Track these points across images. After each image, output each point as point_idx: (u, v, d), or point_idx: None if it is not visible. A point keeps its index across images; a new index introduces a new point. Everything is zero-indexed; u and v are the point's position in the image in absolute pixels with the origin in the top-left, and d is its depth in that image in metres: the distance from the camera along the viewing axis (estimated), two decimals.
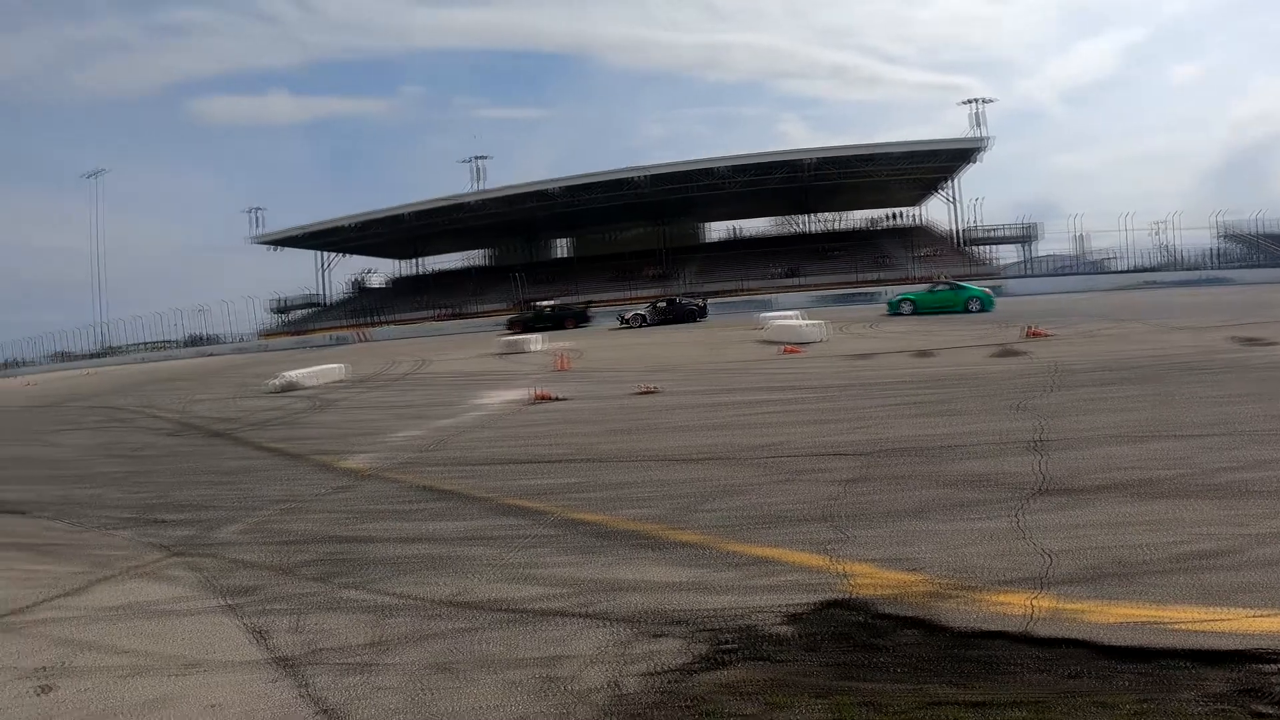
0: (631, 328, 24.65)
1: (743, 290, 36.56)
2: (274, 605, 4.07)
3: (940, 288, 20.44)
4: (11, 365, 57.03)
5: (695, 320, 25.04)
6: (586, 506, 4.68)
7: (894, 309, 20.48)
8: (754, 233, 49.08)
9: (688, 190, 39.91)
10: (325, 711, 2.71)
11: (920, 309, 19.65)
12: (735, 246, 46.67)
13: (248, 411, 12.23)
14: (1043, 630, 2.36)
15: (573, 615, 3.11)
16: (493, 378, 13.17)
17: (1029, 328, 12.57)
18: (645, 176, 38.65)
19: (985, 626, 2.41)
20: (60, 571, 5.01)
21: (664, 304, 25.81)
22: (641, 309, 26.46)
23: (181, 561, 5.13)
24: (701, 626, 2.77)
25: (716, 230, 50.07)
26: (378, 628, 3.37)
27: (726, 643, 2.61)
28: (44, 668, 3.49)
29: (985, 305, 18.72)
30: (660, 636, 2.74)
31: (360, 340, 38.17)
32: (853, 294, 32.54)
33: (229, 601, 4.20)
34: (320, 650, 3.25)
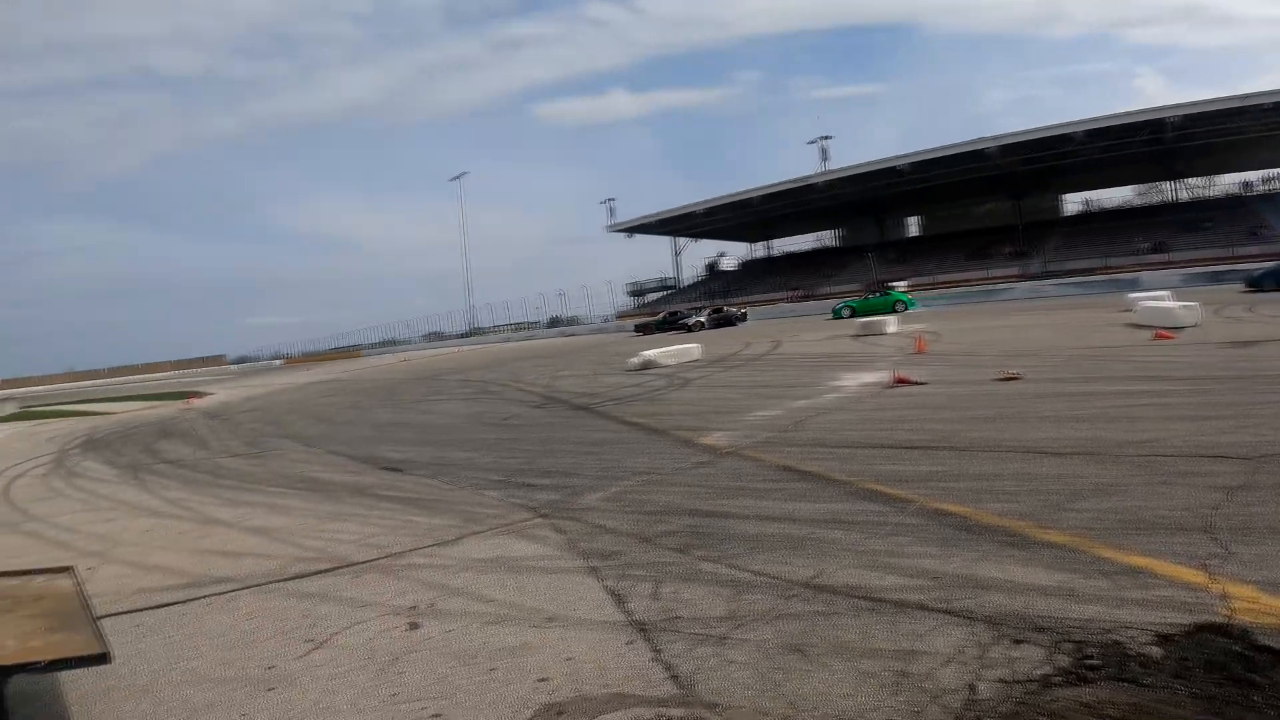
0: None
1: (1105, 268, 57.18)
2: (633, 571, 6.48)
3: (874, 294, 50.09)
4: (389, 344, 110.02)
5: (735, 325, 51.09)
6: (949, 497, 7.33)
7: (837, 314, 48.69)
8: (1114, 203, 75.24)
9: (1040, 159, 62.30)
10: (676, 678, 4.54)
11: (859, 312, 43.71)
12: (1094, 220, 72.29)
13: (609, 387, 21.54)
14: None
15: (932, 610, 4.92)
16: (848, 359, 21.17)
17: None
18: (995, 147, 60.78)
19: None
20: (433, 524, 8.81)
21: (712, 311, 55.75)
22: (700, 315, 57.50)
23: (547, 523, 8.32)
24: (1065, 636, 4.34)
25: (1073, 203, 77.39)
26: (734, 602, 5.50)
27: (1090, 657, 4.08)
28: (414, 607, 6.22)
29: (908, 307, 46.38)
30: (1021, 642, 4.33)
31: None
32: (1225, 270, 47.55)
33: (590, 564, 6.81)
34: (676, 618, 5.39)
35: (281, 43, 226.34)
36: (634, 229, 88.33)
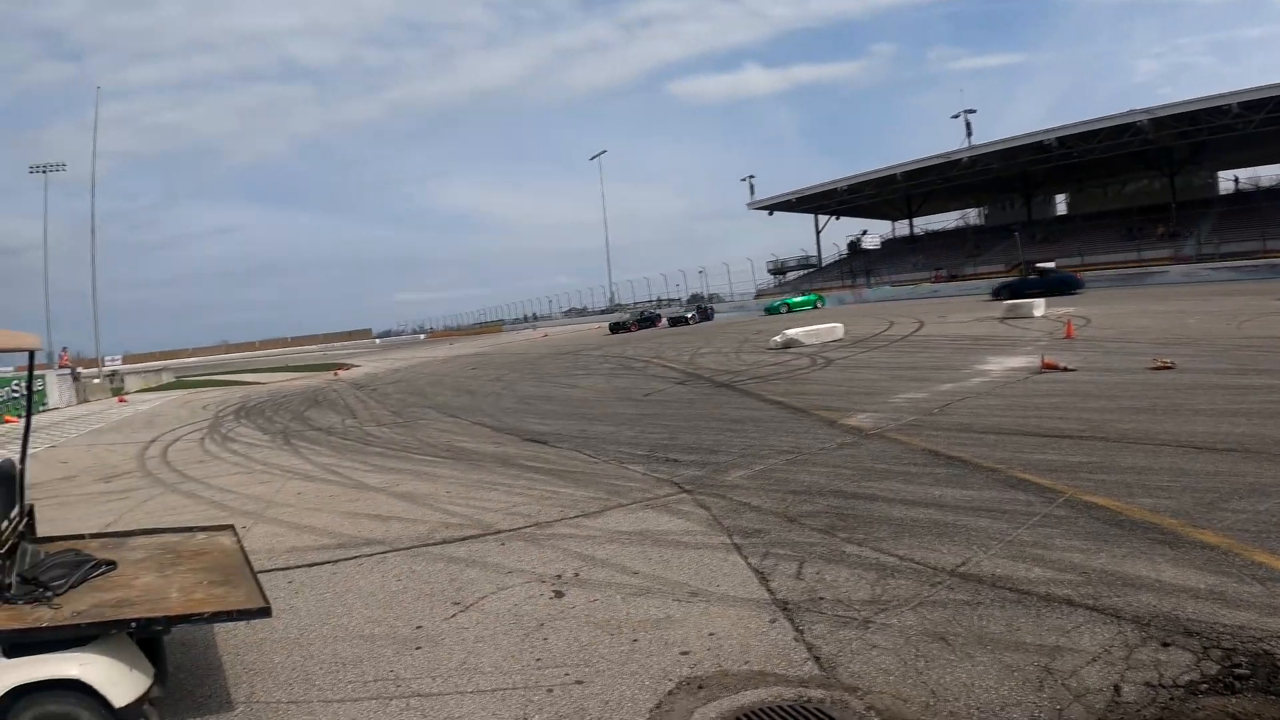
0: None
1: (1264, 251, 53.11)
2: (778, 550, 6.54)
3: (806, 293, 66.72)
4: (531, 320, 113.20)
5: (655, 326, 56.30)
6: (1099, 489, 7.32)
7: (773, 310, 62.60)
8: (1274, 181, 69.54)
9: (1196, 133, 60.27)
10: (817, 659, 4.58)
11: (793, 309, 61.33)
12: (1252, 199, 67.09)
13: (750, 365, 21.95)
14: None
15: (1079, 606, 4.93)
16: (995, 342, 21.35)
17: None
18: (1146, 120, 58.10)
19: None
20: (579, 495, 9.01)
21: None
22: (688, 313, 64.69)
23: (691, 499, 8.39)
24: (1215, 643, 4.30)
25: (1228, 180, 73.21)
26: (878, 586, 5.60)
27: (1239, 666, 4.04)
28: (559, 575, 6.36)
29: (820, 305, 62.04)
30: (1169, 646, 4.31)
31: (855, 301, 66.44)
32: None
33: (735, 541, 6.86)
34: (819, 599, 5.47)
35: (415, 31, 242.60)
36: (774, 206, 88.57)
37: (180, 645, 5.51)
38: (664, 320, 63.81)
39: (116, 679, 3.87)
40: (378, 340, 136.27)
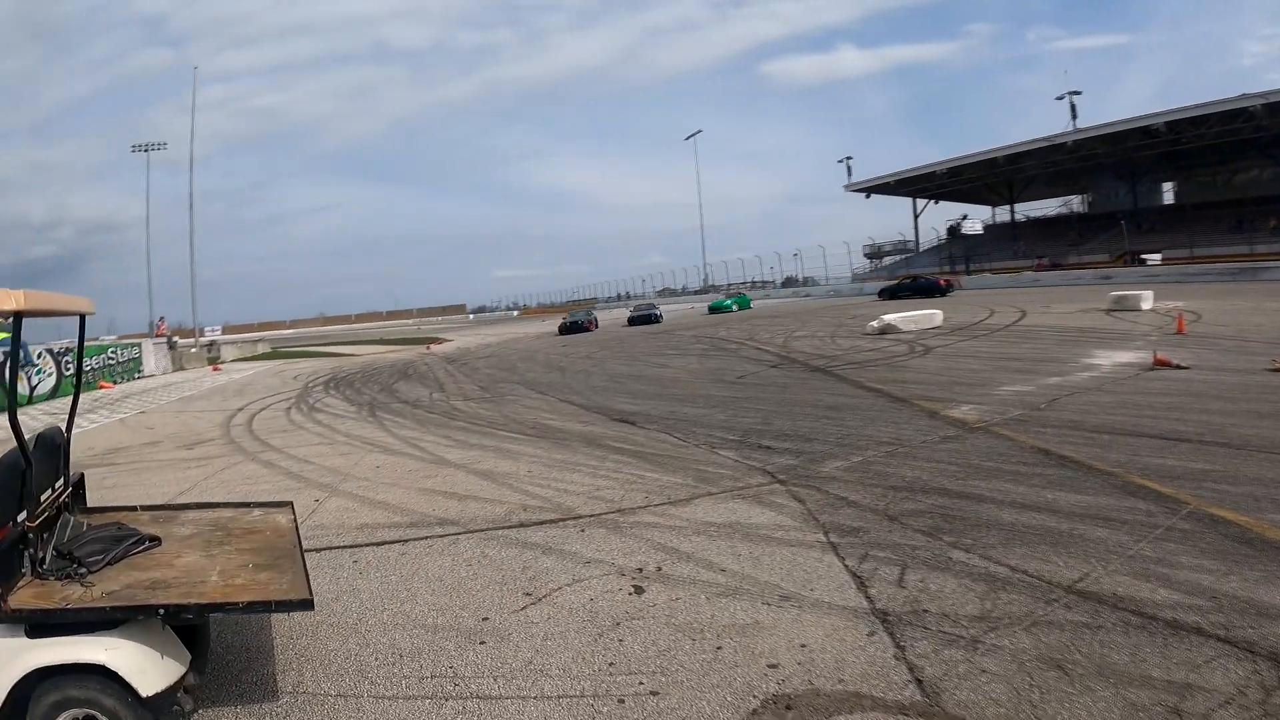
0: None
1: None
2: (878, 552, 6.03)
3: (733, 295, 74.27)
4: (623, 299, 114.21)
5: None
6: (1226, 502, 6.69)
7: (721, 308, 62.57)
8: None
9: None
10: (920, 683, 4.09)
11: (742, 308, 62.46)
12: None
13: (846, 350, 21.46)
14: None
15: (1209, 636, 4.42)
16: (1101, 335, 20.53)
17: None
18: (1259, 106, 54.37)
19: None
20: (666, 481, 8.60)
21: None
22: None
23: (784, 490, 7.90)
24: None
25: None
26: (988, 600, 5.09)
27: None
28: (640, 569, 5.95)
29: (742, 306, 63.69)
30: None
31: (955, 288, 62.38)
32: None
33: (832, 539, 6.38)
34: (923, 612, 4.96)
35: (507, 11, 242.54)
36: (872, 189, 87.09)
37: (233, 625, 5.33)
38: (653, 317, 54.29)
39: (146, 666, 3.66)
40: (471, 316, 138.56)
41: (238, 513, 5.43)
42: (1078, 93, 73.12)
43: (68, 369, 24.98)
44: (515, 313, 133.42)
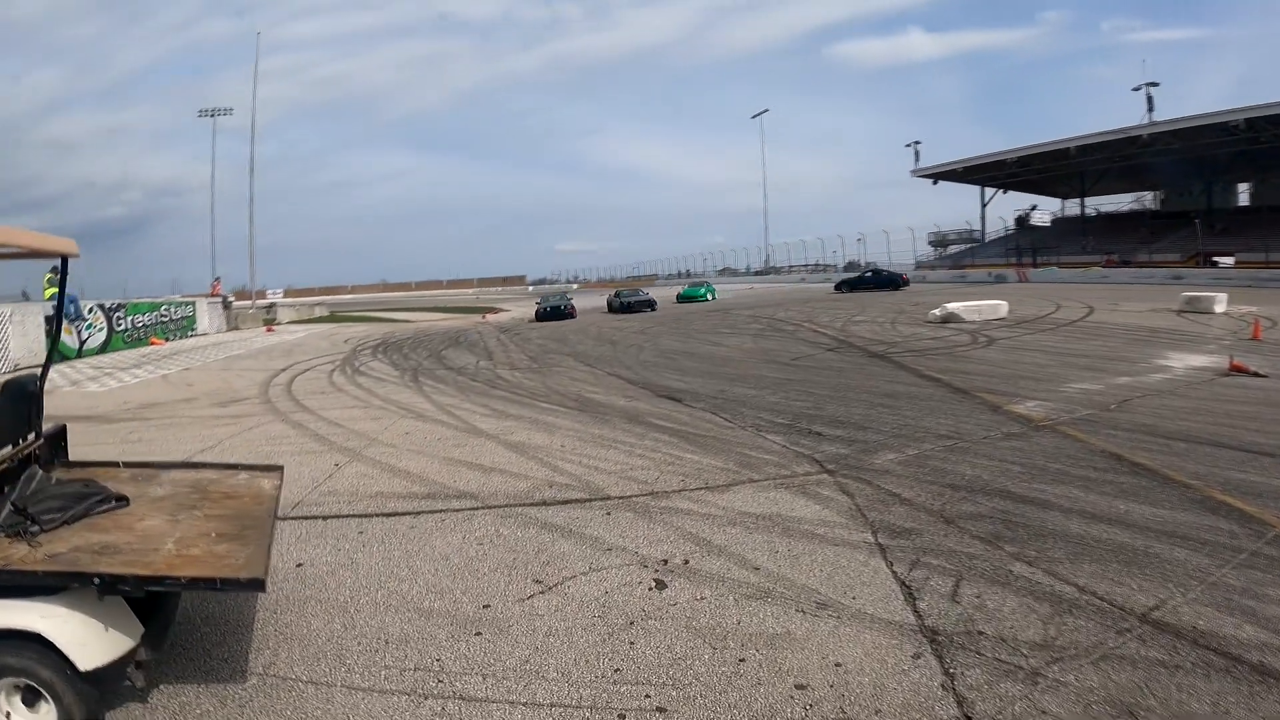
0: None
1: None
2: (931, 559, 5.41)
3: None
4: (683, 276, 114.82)
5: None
6: None
7: (695, 295, 55.39)
8: None
9: None
10: (967, 719, 3.50)
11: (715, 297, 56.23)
12: None
13: (906, 338, 20.76)
14: None
15: None
16: (1173, 336, 19.74)
17: None
18: None
19: None
20: (705, 463, 8.07)
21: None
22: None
23: (832, 481, 7.32)
24: None
25: None
26: (1051, 625, 4.49)
27: None
28: (665, 561, 5.43)
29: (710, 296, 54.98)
30: None
31: (1020, 280, 62.40)
32: None
33: (880, 540, 5.79)
34: (978, 634, 4.38)
35: None
36: (939, 175, 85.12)
37: (215, 596, 4.91)
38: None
39: (86, 638, 3.29)
40: (531, 287, 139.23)
41: (223, 475, 5.02)
42: (1155, 84, 71.14)
43: (119, 324, 25.25)
44: (575, 285, 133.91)
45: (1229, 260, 50.57)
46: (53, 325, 23.19)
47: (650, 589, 5.00)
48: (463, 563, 5.52)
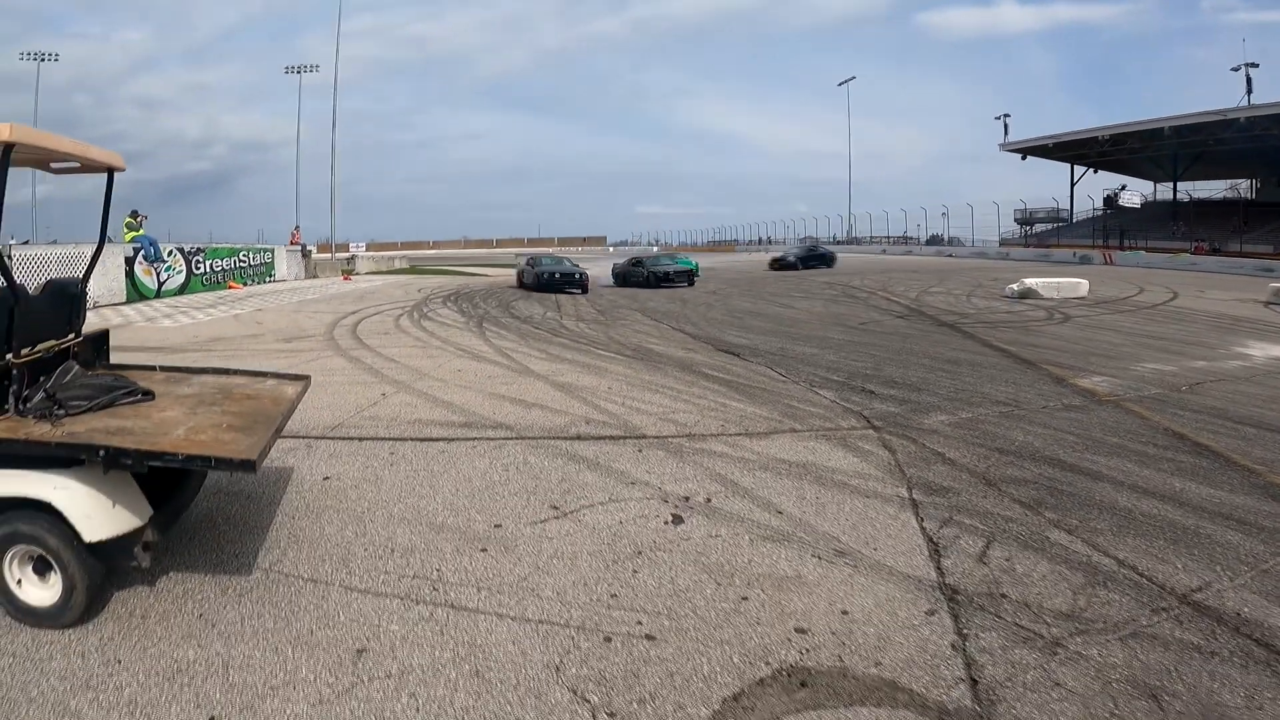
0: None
1: None
2: (964, 518, 5.19)
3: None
4: (764, 243, 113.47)
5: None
6: None
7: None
8: None
9: None
10: (975, 684, 3.31)
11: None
12: None
13: (980, 310, 20.42)
14: None
15: None
16: (1258, 326, 18.97)
17: None
18: None
19: None
20: (749, 411, 7.96)
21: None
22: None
23: (876, 436, 7.13)
24: None
25: None
26: (1082, 596, 4.27)
27: None
28: (687, 497, 5.35)
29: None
30: None
31: (1105, 262, 60.87)
32: None
33: (914, 496, 5.60)
34: (1001, 597, 4.20)
35: None
36: (1028, 150, 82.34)
37: (244, 497, 5.10)
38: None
39: (93, 511, 3.50)
40: (611, 248, 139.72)
41: (251, 380, 5.14)
42: (1255, 65, 67.86)
43: (198, 268, 25.91)
44: (655, 248, 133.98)
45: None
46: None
47: (666, 523, 4.94)
48: (484, 485, 5.53)
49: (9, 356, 3.99)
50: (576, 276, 29.08)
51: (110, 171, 5.00)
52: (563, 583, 4.01)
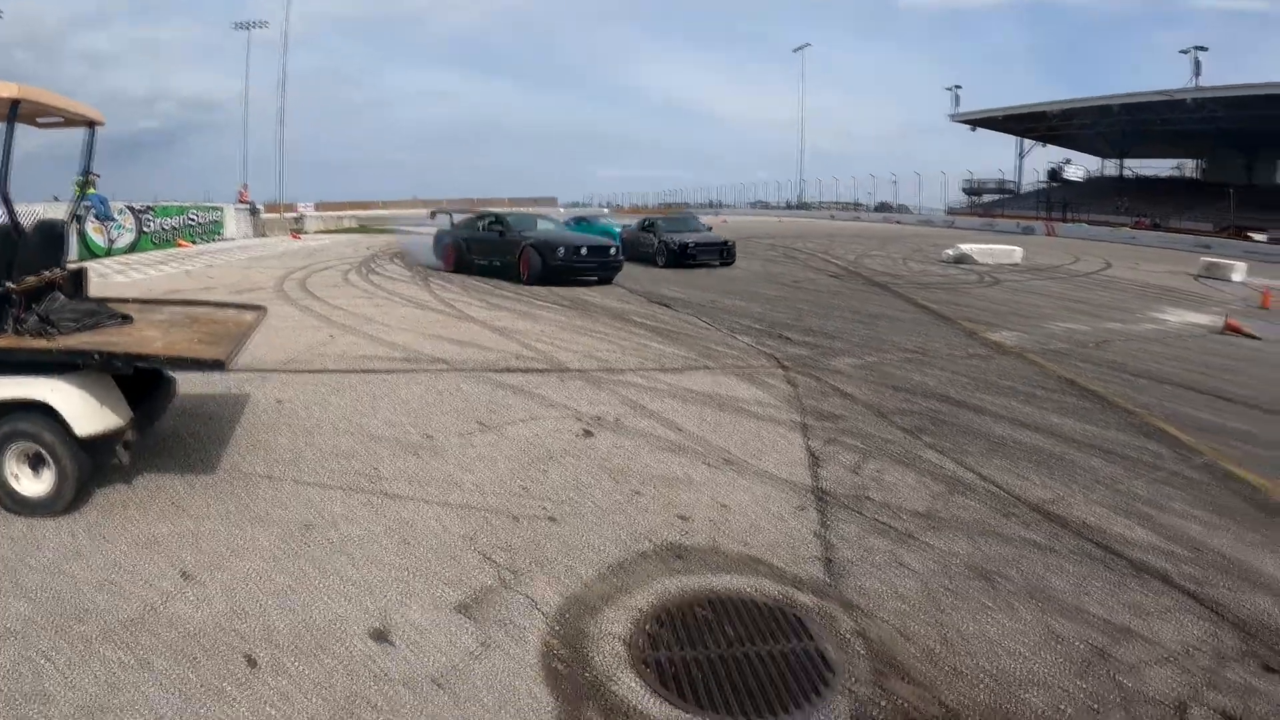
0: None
1: None
2: (847, 439, 5.90)
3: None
4: (715, 206, 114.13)
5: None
6: (1247, 462, 5.99)
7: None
8: None
9: None
10: (828, 562, 3.95)
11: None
12: None
13: (914, 273, 21.17)
14: None
15: (1174, 586, 3.94)
16: (1181, 296, 19.63)
17: None
18: None
19: None
20: (669, 351, 8.69)
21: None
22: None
23: (783, 374, 7.88)
24: None
25: None
26: (940, 501, 4.84)
27: None
28: (599, 417, 6.06)
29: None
30: (1272, 671, 3.31)
31: (1048, 234, 61.35)
32: None
33: (806, 421, 6.30)
34: (865, 499, 4.82)
35: None
36: (978, 121, 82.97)
37: (206, 417, 5.70)
38: None
39: (84, 411, 4.09)
40: (563, 209, 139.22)
41: (212, 309, 5.80)
42: (1203, 48, 68.80)
43: (147, 226, 25.86)
44: (606, 210, 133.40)
45: (1263, 236, 49.38)
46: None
47: (578, 436, 5.64)
48: (420, 407, 6.20)
49: (9, 284, 4.50)
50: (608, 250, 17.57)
51: (91, 125, 5.48)
52: (482, 478, 4.69)
